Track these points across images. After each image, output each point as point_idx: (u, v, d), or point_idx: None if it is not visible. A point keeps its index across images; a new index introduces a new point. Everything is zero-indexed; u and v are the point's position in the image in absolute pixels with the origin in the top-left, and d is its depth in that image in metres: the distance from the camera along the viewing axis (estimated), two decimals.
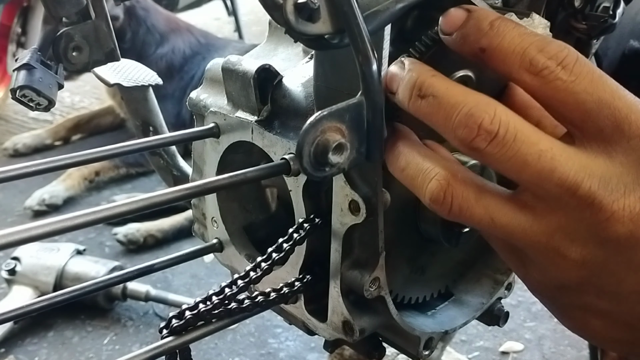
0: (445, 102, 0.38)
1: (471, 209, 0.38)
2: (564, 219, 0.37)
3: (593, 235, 0.36)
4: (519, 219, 0.38)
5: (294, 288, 0.53)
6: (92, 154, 0.49)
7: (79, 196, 2.36)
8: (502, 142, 0.36)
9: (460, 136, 0.37)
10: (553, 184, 0.36)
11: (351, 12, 0.36)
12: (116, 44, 0.53)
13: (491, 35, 0.38)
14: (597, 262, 0.37)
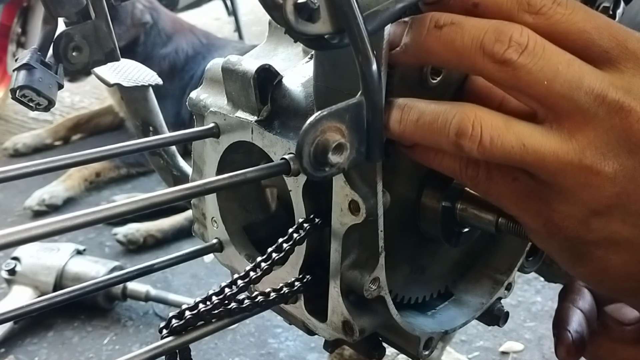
0: (468, 25, 0.38)
1: (502, 137, 0.37)
2: (594, 132, 0.36)
3: (624, 142, 0.36)
4: (550, 142, 0.37)
5: (293, 288, 0.53)
6: (92, 154, 0.49)
7: (78, 197, 2.36)
8: (533, 51, 0.36)
9: (491, 51, 0.36)
10: (583, 91, 0.36)
11: (351, 12, 0.36)
12: (116, 44, 0.53)
13: None
14: (628, 173, 0.36)
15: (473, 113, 0.38)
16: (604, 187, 0.37)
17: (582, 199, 0.38)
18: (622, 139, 0.36)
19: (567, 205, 0.38)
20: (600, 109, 0.36)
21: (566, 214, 0.39)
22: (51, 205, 2.24)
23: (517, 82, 0.37)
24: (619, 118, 0.36)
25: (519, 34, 0.36)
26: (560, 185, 0.38)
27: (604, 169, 0.37)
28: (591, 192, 0.37)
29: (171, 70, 2.56)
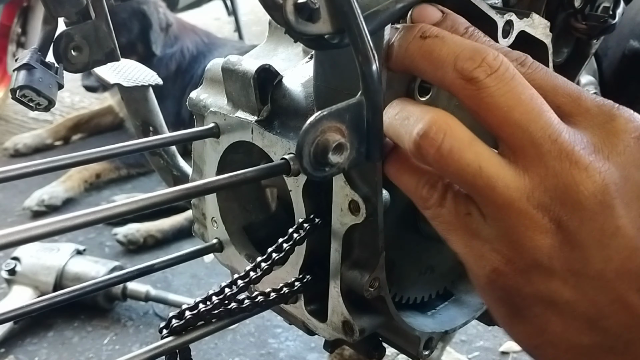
0: (450, 40, 0.39)
1: (462, 151, 0.37)
2: (545, 172, 0.36)
3: (569, 193, 0.35)
4: (504, 172, 0.37)
5: (293, 288, 0.53)
6: (92, 154, 0.49)
7: (78, 197, 2.36)
8: (501, 76, 0.37)
9: (461, 67, 0.37)
10: (539, 126, 0.36)
11: (351, 12, 0.36)
12: (116, 43, 0.52)
13: None
14: (570, 228, 0.36)
15: (444, 120, 0.37)
16: (546, 237, 0.36)
17: (524, 245, 0.37)
18: (568, 188, 0.36)
19: (509, 249, 0.37)
20: (552, 147, 0.36)
21: (508, 258, 0.37)
22: (50, 205, 2.24)
23: (478, 103, 0.37)
24: (568, 163, 0.36)
25: (493, 57, 0.37)
26: (504, 223, 0.37)
27: (547, 217, 0.36)
28: (533, 239, 0.36)
29: (177, 71, 2.57)
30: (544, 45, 0.52)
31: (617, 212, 0.35)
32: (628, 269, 0.36)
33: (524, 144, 0.37)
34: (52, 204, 2.25)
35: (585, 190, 0.35)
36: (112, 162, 2.45)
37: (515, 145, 0.37)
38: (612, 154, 0.36)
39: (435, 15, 0.41)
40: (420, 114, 0.38)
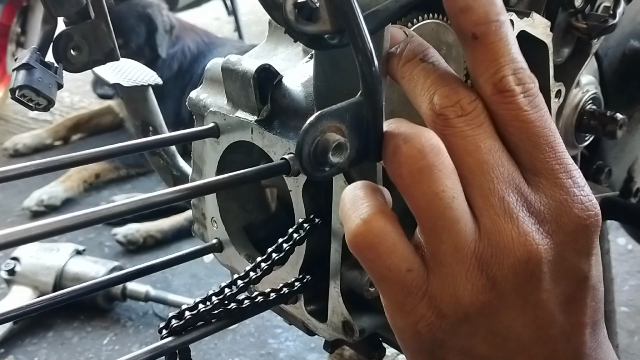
0: (440, 72, 0.39)
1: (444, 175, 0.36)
2: (490, 225, 0.36)
3: (506, 256, 0.36)
4: (466, 213, 0.37)
5: (293, 288, 0.53)
6: (91, 153, 0.49)
7: (77, 198, 2.36)
8: (469, 121, 0.37)
9: (436, 101, 0.38)
10: (489, 178, 0.37)
11: (351, 11, 0.36)
12: (116, 43, 0.52)
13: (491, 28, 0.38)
14: (502, 290, 0.36)
15: (436, 140, 0.37)
16: (481, 294, 0.36)
17: (461, 298, 0.37)
18: (504, 251, 0.36)
19: (445, 303, 0.37)
20: (498, 203, 0.36)
21: (441, 313, 0.37)
22: (50, 205, 2.24)
23: (442, 139, 0.38)
24: (510, 225, 0.36)
25: (469, 102, 0.37)
26: (449, 270, 0.37)
27: (485, 273, 0.36)
28: (471, 293, 0.36)
29: (179, 71, 2.57)
30: (545, 45, 0.52)
31: (543, 285, 0.37)
32: (542, 338, 0.38)
33: (476, 191, 0.37)
34: (51, 204, 2.24)
35: (520, 256, 0.36)
36: (112, 162, 2.45)
37: (469, 191, 0.37)
38: (557, 232, 0.37)
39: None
40: (412, 126, 0.38)
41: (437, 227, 0.37)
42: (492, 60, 0.38)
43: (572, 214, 0.37)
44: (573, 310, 0.38)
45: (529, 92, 0.38)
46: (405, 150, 0.36)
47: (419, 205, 0.37)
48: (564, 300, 0.37)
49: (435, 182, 0.36)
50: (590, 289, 0.38)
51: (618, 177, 0.82)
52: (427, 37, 0.46)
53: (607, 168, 0.76)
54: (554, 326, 0.38)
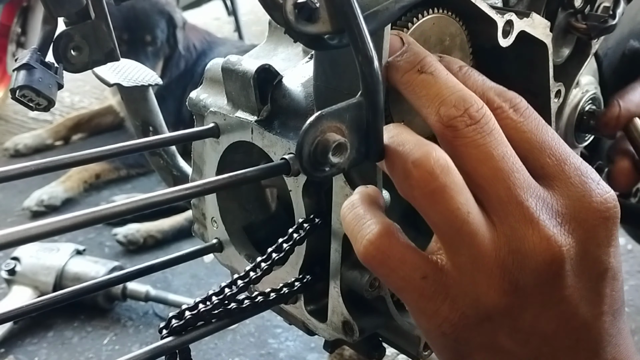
0: (442, 82, 0.39)
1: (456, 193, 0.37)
2: (510, 232, 0.37)
3: (528, 260, 0.36)
4: (484, 223, 0.37)
5: (293, 288, 0.53)
6: (92, 153, 0.49)
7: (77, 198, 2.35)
8: (479, 129, 0.37)
9: (444, 112, 0.38)
10: (506, 185, 0.37)
11: (351, 12, 0.36)
12: (116, 43, 0.52)
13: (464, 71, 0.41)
14: (525, 292, 0.37)
15: (443, 157, 0.37)
16: (503, 297, 0.37)
17: (482, 302, 0.37)
18: (526, 256, 0.37)
19: (467, 305, 0.38)
20: (517, 209, 0.37)
21: (463, 314, 0.38)
22: (50, 206, 2.24)
23: (452, 149, 0.38)
24: (531, 230, 0.36)
25: (476, 109, 0.37)
26: (470, 278, 0.37)
27: (507, 278, 0.37)
28: (492, 297, 0.37)
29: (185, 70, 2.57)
30: (544, 45, 0.52)
31: (566, 282, 0.37)
32: (565, 330, 0.38)
33: (492, 200, 0.37)
34: (51, 204, 2.24)
35: (543, 260, 0.36)
36: (112, 162, 2.44)
37: (485, 199, 0.38)
38: (577, 229, 0.37)
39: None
40: (417, 143, 0.38)
41: (456, 242, 0.37)
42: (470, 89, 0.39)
43: (592, 208, 0.37)
44: (594, 301, 0.38)
45: (517, 105, 0.39)
46: (416, 174, 0.36)
47: (435, 223, 0.37)
48: (585, 293, 0.38)
49: (449, 201, 0.36)
50: (611, 279, 0.38)
51: None
52: (429, 32, 0.46)
53: (607, 168, 0.76)
54: (576, 318, 0.38)
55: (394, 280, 0.39)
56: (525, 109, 0.39)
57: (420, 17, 0.45)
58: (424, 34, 0.46)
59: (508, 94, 0.40)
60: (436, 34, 0.47)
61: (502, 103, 0.38)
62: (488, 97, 0.38)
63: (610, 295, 0.39)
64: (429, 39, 0.46)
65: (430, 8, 0.46)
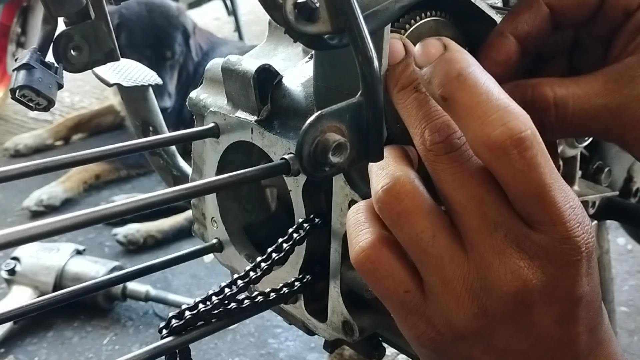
0: (433, 105, 0.39)
1: (419, 217, 0.38)
2: (479, 260, 0.37)
3: (494, 289, 0.37)
4: (453, 246, 0.38)
5: (293, 288, 0.53)
6: (92, 153, 0.49)
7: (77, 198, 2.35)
8: (457, 157, 0.38)
9: (427, 136, 0.38)
10: (477, 214, 0.37)
11: (351, 12, 0.36)
12: (116, 44, 0.52)
13: (456, 85, 0.37)
14: (495, 316, 0.38)
15: (409, 182, 0.38)
16: (473, 320, 0.38)
17: (454, 323, 0.38)
18: (492, 285, 0.37)
19: (441, 324, 0.39)
20: (486, 239, 0.37)
21: (439, 332, 0.39)
22: (49, 206, 2.24)
23: (431, 171, 0.39)
24: (498, 260, 0.37)
25: (457, 136, 0.38)
26: (441, 299, 0.38)
27: (476, 302, 0.38)
28: (462, 320, 0.38)
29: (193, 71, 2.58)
30: None
31: (534, 311, 0.38)
32: (539, 349, 0.39)
33: (465, 226, 0.38)
34: (51, 204, 2.24)
35: (508, 291, 0.37)
36: (112, 163, 2.45)
37: (458, 224, 0.38)
38: (547, 265, 0.37)
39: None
40: (393, 169, 0.39)
41: (424, 262, 0.39)
42: (471, 115, 0.36)
43: (563, 252, 0.37)
44: (569, 324, 0.39)
45: (523, 145, 0.35)
46: (382, 197, 0.39)
47: (404, 243, 0.39)
48: (558, 317, 0.38)
49: (413, 225, 0.38)
50: (586, 304, 0.39)
51: (618, 177, 0.82)
52: (427, 35, 0.46)
53: (607, 168, 0.76)
54: (549, 339, 0.39)
55: (379, 289, 0.40)
56: (532, 150, 0.35)
57: (417, 20, 0.45)
58: (420, 37, 0.46)
59: (516, 125, 0.35)
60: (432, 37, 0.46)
61: (507, 141, 0.35)
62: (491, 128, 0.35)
63: (586, 316, 0.39)
64: None
65: (427, 11, 0.46)
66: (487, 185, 0.37)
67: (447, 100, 0.37)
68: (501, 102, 0.36)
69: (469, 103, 0.36)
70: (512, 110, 0.36)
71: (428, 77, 0.38)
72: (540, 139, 0.36)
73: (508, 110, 0.36)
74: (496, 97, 0.36)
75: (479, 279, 0.37)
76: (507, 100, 0.36)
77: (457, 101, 0.36)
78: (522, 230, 0.37)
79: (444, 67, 0.37)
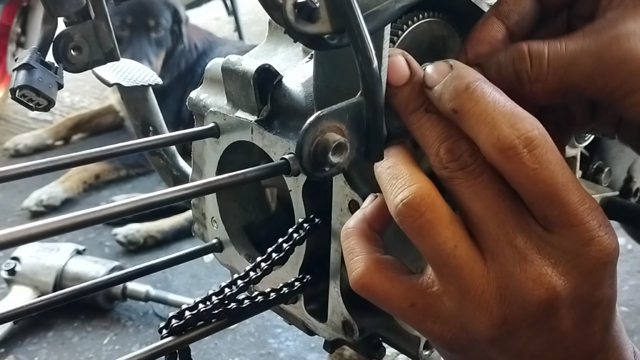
0: (443, 124, 0.40)
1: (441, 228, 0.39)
2: (500, 269, 0.38)
3: (516, 298, 0.38)
4: (474, 257, 0.39)
5: (293, 288, 0.53)
6: (92, 153, 0.49)
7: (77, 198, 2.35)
8: (470, 172, 0.39)
9: (442, 154, 0.39)
10: (495, 223, 0.38)
11: (351, 11, 0.36)
12: (116, 43, 0.52)
13: (465, 97, 0.38)
14: (515, 324, 0.38)
15: (428, 194, 0.39)
16: (491, 329, 0.39)
17: (472, 330, 0.39)
18: (514, 293, 0.38)
19: (458, 329, 0.40)
20: (507, 247, 0.38)
21: (455, 335, 0.40)
22: (49, 206, 2.23)
23: (448, 186, 0.40)
24: (519, 269, 0.37)
25: (470, 153, 0.39)
26: (460, 306, 0.39)
27: (496, 312, 0.38)
28: (480, 328, 0.39)
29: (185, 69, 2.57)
30: None
31: (556, 316, 0.38)
32: (555, 350, 0.40)
33: (484, 236, 0.39)
34: (50, 204, 2.24)
35: (531, 300, 0.37)
36: (112, 163, 2.44)
37: (477, 235, 0.39)
38: (572, 271, 0.37)
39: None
40: (409, 179, 0.40)
41: (444, 273, 0.39)
42: (482, 123, 0.37)
43: (589, 257, 0.37)
44: (586, 324, 0.39)
45: (532, 144, 0.36)
46: (403, 210, 0.39)
47: (425, 254, 0.40)
48: (578, 320, 0.38)
49: (435, 236, 0.38)
50: (605, 306, 0.39)
51: (618, 177, 0.82)
52: (422, 38, 0.46)
53: (607, 168, 0.76)
54: (567, 340, 0.39)
55: (385, 307, 0.42)
56: (541, 148, 0.36)
57: (412, 23, 0.45)
58: (416, 40, 0.46)
59: (524, 125, 0.36)
60: (428, 39, 0.47)
61: (516, 141, 0.36)
62: (499, 132, 0.36)
63: (602, 315, 0.39)
64: (421, 44, 0.46)
65: (426, 12, 0.46)
66: (503, 195, 0.38)
67: (458, 112, 0.38)
68: (507, 108, 0.37)
69: (478, 112, 0.38)
70: (519, 114, 0.37)
71: (439, 95, 0.39)
72: (549, 139, 0.37)
73: (514, 114, 0.37)
74: (502, 104, 0.38)
75: (499, 288, 0.38)
76: (513, 106, 0.38)
77: (467, 111, 0.38)
78: (543, 236, 0.38)
79: (453, 82, 0.39)
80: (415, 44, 0.45)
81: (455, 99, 0.38)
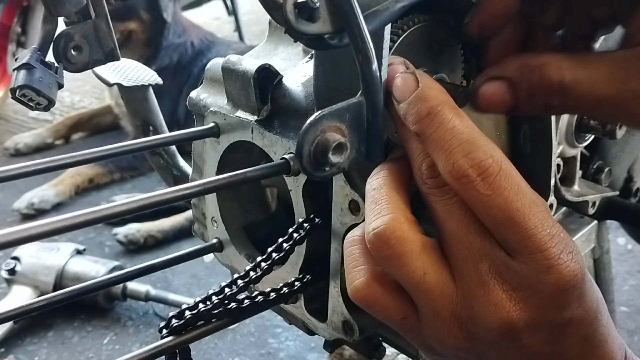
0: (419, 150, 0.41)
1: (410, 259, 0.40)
2: (467, 290, 0.40)
3: (479, 320, 0.39)
4: (444, 280, 0.40)
5: (293, 288, 0.53)
6: (91, 153, 0.49)
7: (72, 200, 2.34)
8: (442, 192, 0.40)
9: (424, 170, 0.41)
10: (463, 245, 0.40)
11: (351, 11, 0.36)
12: (116, 43, 0.52)
13: (426, 123, 0.39)
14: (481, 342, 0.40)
15: (399, 227, 0.40)
16: (463, 340, 0.40)
17: (446, 345, 0.41)
18: (478, 315, 0.39)
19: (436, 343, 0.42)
20: (472, 270, 0.39)
21: (433, 350, 0.43)
22: (40, 209, 2.21)
23: (427, 203, 0.41)
24: (482, 292, 0.39)
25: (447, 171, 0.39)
26: (434, 325, 0.41)
27: (464, 330, 0.40)
28: (453, 344, 0.41)
29: (178, 64, 2.55)
30: None
31: (521, 337, 0.39)
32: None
33: (454, 256, 0.40)
34: (41, 207, 2.22)
35: (493, 322, 0.39)
36: (105, 166, 2.42)
37: (448, 254, 0.41)
38: (532, 297, 0.38)
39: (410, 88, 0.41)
40: (385, 207, 0.41)
41: (416, 297, 0.41)
42: (439, 149, 0.39)
43: (548, 283, 0.37)
44: (559, 341, 0.39)
45: (486, 172, 0.37)
46: (373, 240, 0.40)
47: (397, 279, 0.41)
48: (548, 339, 0.39)
49: (403, 266, 0.40)
50: (576, 324, 0.39)
51: (618, 177, 0.82)
52: (418, 41, 0.46)
53: (607, 168, 0.76)
54: (540, 355, 0.40)
55: (379, 317, 0.43)
56: (495, 176, 0.37)
57: (407, 27, 0.45)
58: (412, 44, 0.46)
59: (477, 155, 0.38)
60: (425, 42, 0.47)
61: (469, 170, 0.37)
62: (454, 160, 0.38)
63: (577, 331, 0.40)
64: (417, 47, 0.46)
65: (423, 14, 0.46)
66: (474, 217, 0.39)
67: (420, 135, 0.40)
68: (464, 136, 0.38)
69: (436, 138, 0.39)
70: (475, 142, 0.38)
71: (404, 114, 0.41)
72: (505, 166, 0.38)
73: (470, 142, 0.38)
74: (461, 131, 0.39)
75: (466, 308, 0.39)
76: (470, 134, 0.39)
77: (427, 137, 0.39)
78: (505, 261, 0.38)
79: (417, 105, 0.40)
80: (411, 49, 0.45)
81: (418, 122, 0.40)
